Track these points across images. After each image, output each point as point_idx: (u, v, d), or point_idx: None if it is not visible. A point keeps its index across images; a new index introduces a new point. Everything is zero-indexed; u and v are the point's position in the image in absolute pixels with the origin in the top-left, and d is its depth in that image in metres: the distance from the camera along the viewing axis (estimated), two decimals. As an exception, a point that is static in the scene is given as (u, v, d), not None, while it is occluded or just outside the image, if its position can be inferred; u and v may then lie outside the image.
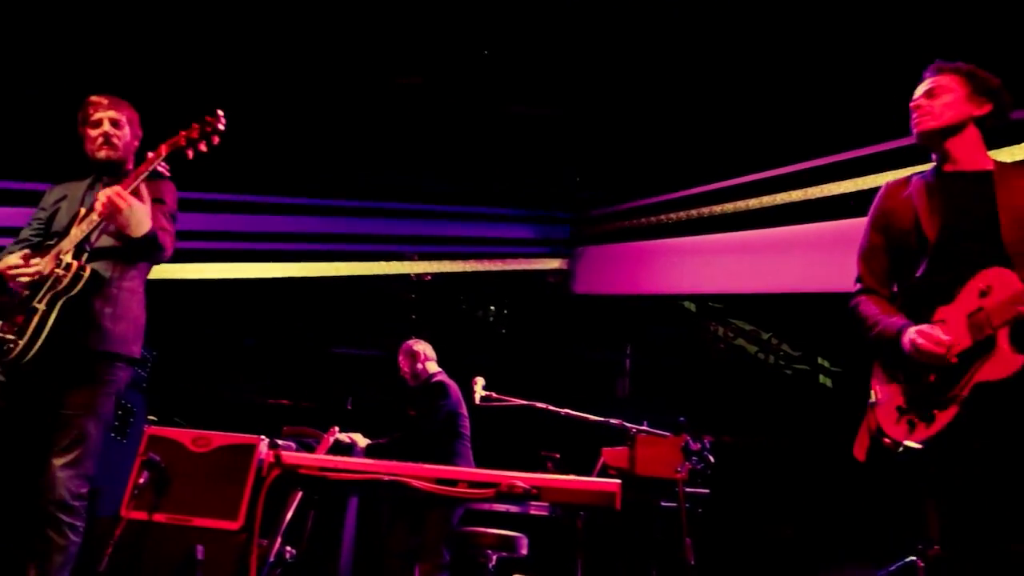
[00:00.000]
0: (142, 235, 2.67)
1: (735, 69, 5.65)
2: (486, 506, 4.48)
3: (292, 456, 3.47)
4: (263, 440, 4.68)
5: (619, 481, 2.86)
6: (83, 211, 2.80)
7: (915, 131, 2.41)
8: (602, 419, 3.71)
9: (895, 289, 2.46)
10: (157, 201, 2.85)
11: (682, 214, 6.77)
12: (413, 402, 5.17)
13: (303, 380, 6.95)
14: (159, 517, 4.48)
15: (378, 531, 4.57)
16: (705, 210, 6.63)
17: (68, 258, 2.72)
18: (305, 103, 6.44)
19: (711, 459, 3.78)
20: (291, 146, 6.66)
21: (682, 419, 3.95)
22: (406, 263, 7.14)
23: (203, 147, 2.80)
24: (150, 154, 2.80)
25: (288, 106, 6.33)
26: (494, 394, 3.93)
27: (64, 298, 2.67)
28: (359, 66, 6.36)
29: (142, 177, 2.73)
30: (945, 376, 2.17)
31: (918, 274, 2.30)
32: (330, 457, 3.45)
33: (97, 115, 2.95)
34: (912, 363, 2.21)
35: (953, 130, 2.36)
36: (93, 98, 2.99)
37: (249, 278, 6.83)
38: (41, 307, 2.65)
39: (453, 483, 3.27)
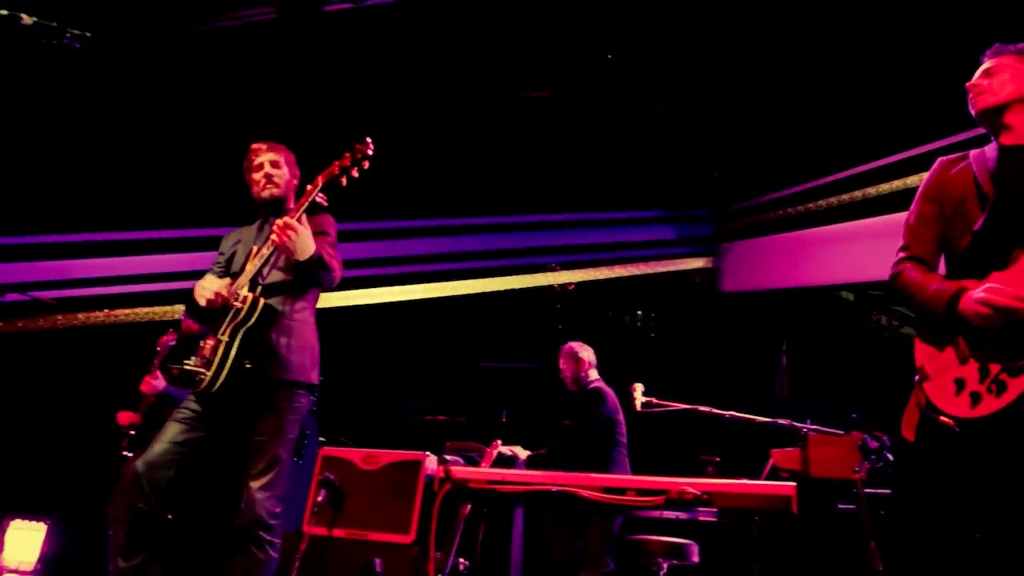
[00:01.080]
0: (308, 257, 2.82)
1: (883, 34, 5.31)
2: (652, 513, 4.41)
3: (461, 471, 3.56)
4: (428, 456, 4.84)
5: (794, 484, 2.73)
6: (255, 249, 2.98)
7: (974, 110, 2.38)
8: (769, 419, 3.56)
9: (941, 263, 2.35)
10: (320, 234, 3.01)
11: (833, 199, 6.43)
12: (569, 410, 5.18)
13: (457, 396, 7.12)
14: (338, 532, 4.72)
15: (542, 541, 4.60)
16: (858, 193, 6.26)
17: (244, 291, 2.90)
18: (436, 126, 6.64)
19: (890, 457, 3.55)
20: (427, 169, 6.87)
21: (855, 416, 3.74)
22: (549, 274, 7.18)
23: (355, 173, 2.94)
24: (308, 187, 2.96)
25: (420, 130, 6.53)
26: (655, 400, 3.87)
27: (243, 329, 2.85)
28: (486, 85, 6.49)
29: (303, 207, 2.89)
30: (1017, 339, 1.97)
31: (976, 227, 2.18)
32: (497, 470, 3.51)
33: (258, 159, 3.16)
34: (974, 328, 2.04)
35: (1011, 106, 2.31)
36: (253, 145, 3.20)
37: (396, 301, 7.08)
38: (224, 339, 2.85)
39: (621, 491, 3.25)
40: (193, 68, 6.11)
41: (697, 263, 7.40)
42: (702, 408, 3.74)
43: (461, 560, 3.63)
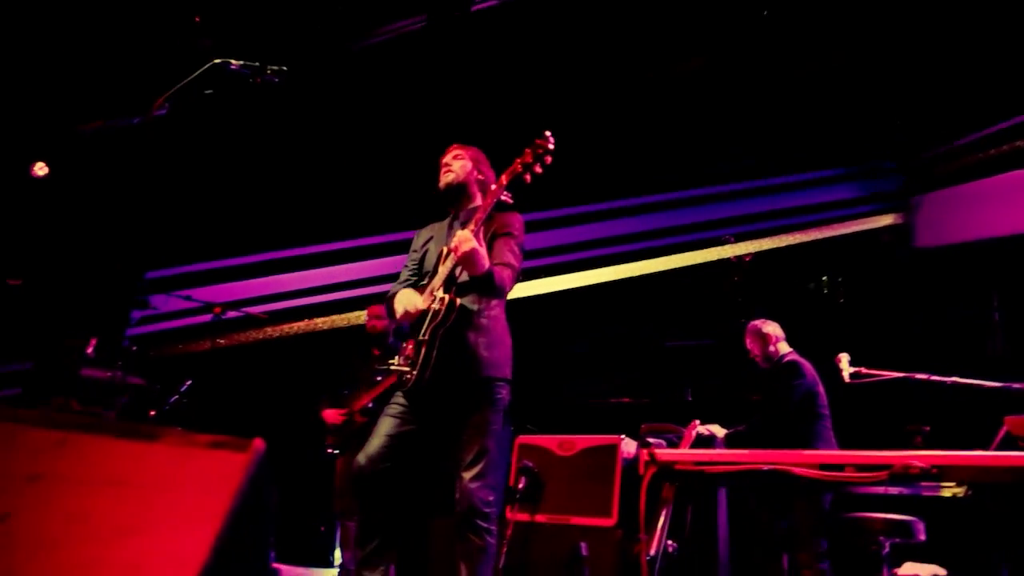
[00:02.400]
0: (478, 274, 2.90)
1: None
2: (867, 489, 4.17)
3: (666, 453, 3.55)
4: (624, 439, 4.85)
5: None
6: (445, 250, 3.08)
7: None
8: (1001, 384, 3.26)
9: None
10: (504, 235, 3.07)
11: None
12: (760, 386, 5.00)
13: (640, 378, 7.07)
14: (540, 518, 4.85)
15: (748, 521, 4.48)
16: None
17: (440, 293, 3.01)
18: (595, 109, 6.60)
19: None
20: (592, 153, 6.85)
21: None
22: (724, 247, 6.96)
23: (538, 169, 2.97)
24: (493, 186, 3.02)
25: (579, 114, 6.52)
26: (864, 369, 3.65)
27: (442, 329, 2.97)
28: (640, 61, 6.38)
29: (490, 209, 2.96)
30: None
31: None
32: (703, 451, 3.47)
33: (443, 160, 3.28)
34: None
35: None
36: (454, 144, 3.32)
37: (570, 288, 7.12)
38: (424, 339, 2.98)
39: (839, 467, 3.10)
40: (359, 84, 6.45)
41: (886, 220, 6.90)
42: (918, 375, 3.48)
43: (670, 542, 3.60)
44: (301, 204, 6.77)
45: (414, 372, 2.97)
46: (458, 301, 2.98)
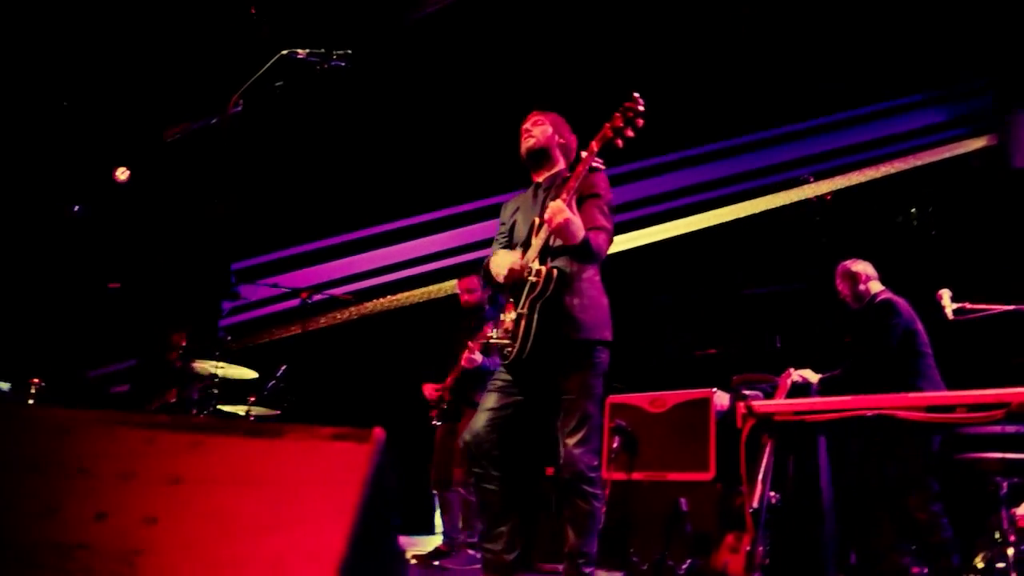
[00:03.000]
0: (574, 243, 2.88)
1: None
2: (978, 429, 4.01)
3: (763, 405, 3.48)
4: (716, 392, 4.79)
5: None
6: (537, 221, 3.04)
7: None
8: None
9: None
10: (591, 196, 3.02)
11: None
12: (853, 328, 4.85)
13: (725, 328, 6.95)
14: (637, 476, 4.86)
15: (852, 468, 4.37)
16: None
17: (536, 265, 2.99)
18: (661, 59, 6.42)
19: None
20: (659, 102, 6.68)
21: None
22: (803, 188, 6.72)
23: (630, 133, 2.91)
24: (583, 153, 2.97)
25: (648, 66, 6.35)
26: (968, 304, 3.48)
27: (540, 301, 2.96)
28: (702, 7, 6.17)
29: (582, 177, 2.90)
30: None
31: None
32: (802, 400, 3.39)
33: (524, 126, 3.24)
34: None
35: None
36: (534, 111, 3.27)
37: (649, 243, 7.01)
38: (524, 311, 2.98)
39: (949, 408, 2.99)
40: (419, 56, 6.43)
41: (976, 143, 6.52)
42: (1030, 307, 3.30)
43: (772, 494, 3.55)
44: (377, 181, 6.84)
45: (515, 345, 2.98)
46: (555, 272, 2.96)
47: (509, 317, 3.02)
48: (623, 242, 6.89)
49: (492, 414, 2.99)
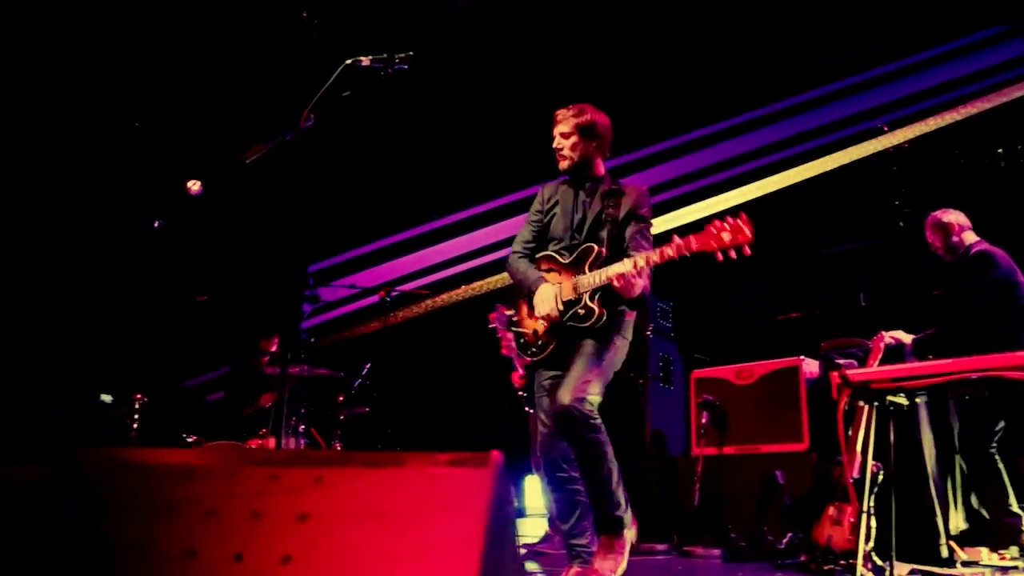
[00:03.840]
0: (630, 298, 2.98)
1: None
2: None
3: (859, 373, 3.37)
4: (804, 360, 4.67)
5: None
6: (595, 249, 3.04)
7: None
8: None
9: None
10: (642, 220, 3.11)
11: None
12: (947, 282, 4.64)
13: (805, 290, 6.77)
14: (728, 450, 4.80)
15: (957, 432, 4.20)
16: None
17: (587, 298, 3.00)
18: (718, 17, 6.24)
19: None
20: (719, 65, 6.51)
21: None
22: (879, 139, 6.44)
23: (732, 255, 2.88)
24: (668, 251, 2.85)
25: (706, 34, 6.19)
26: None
27: (578, 329, 3.02)
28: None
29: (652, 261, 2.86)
30: None
31: None
32: (899, 366, 3.26)
33: (554, 131, 3.22)
34: None
35: None
36: (555, 113, 3.22)
37: (724, 209, 6.86)
38: (555, 338, 3.08)
39: (1064, 366, 2.83)
40: (458, 48, 6.40)
41: (1064, 72, 6.14)
42: None
43: (874, 463, 3.44)
44: (437, 173, 6.87)
45: (540, 354, 3.10)
46: (604, 315, 2.97)
47: (538, 326, 3.09)
48: (697, 210, 6.76)
49: (545, 427, 3.05)
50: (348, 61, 2.75)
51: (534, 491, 6.80)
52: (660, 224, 6.54)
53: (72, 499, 1.24)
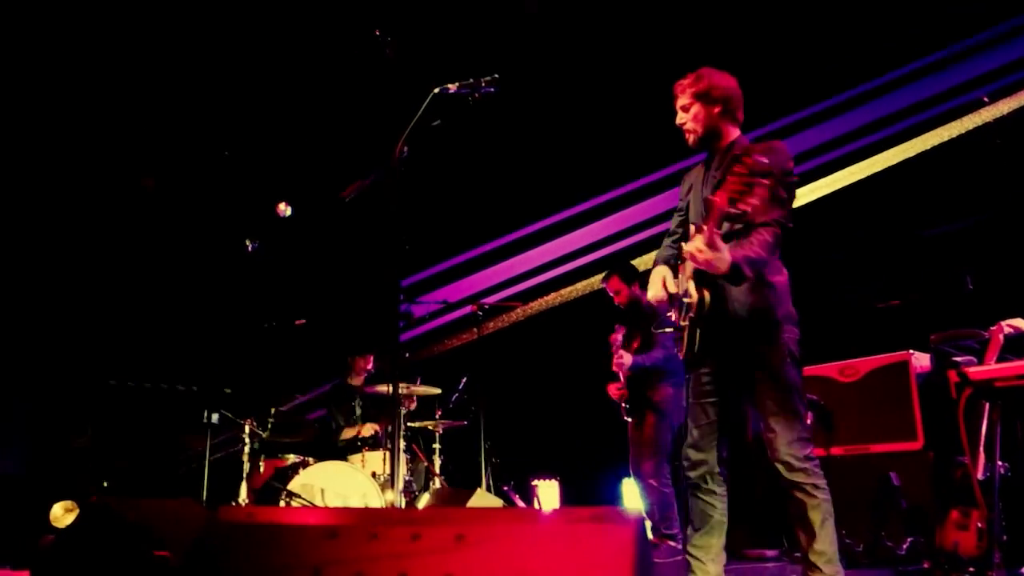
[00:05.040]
0: (722, 275, 2.68)
1: None
2: None
3: (980, 371, 3.21)
4: (913, 354, 4.47)
5: None
6: (692, 229, 2.82)
7: None
8: None
9: None
10: (762, 176, 2.65)
11: None
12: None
13: (908, 275, 6.47)
14: (836, 450, 4.63)
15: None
16: None
17: (689, 285, 2.82)
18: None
19: None
20: (810, 47, 6.29)
21: None
22: (979, 112, 6.10)
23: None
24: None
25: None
26: None
27: (699, 318, 2.81)
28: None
29: (721, 216, 2.63)
30: None
31: None
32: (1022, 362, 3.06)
33: (676, 105, 3.03)
34: None
35: None
36: (674, 87, 3.04)
37: (817, 197, 6.62)
38: (685, 324, 2.88)
39: None
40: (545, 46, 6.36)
41: None
42: None
43: (1001, 464, 3.27)
44: (521, 181, 6.86)
45: (683, 349, 2.90)
46: (708, 297, 2.78)
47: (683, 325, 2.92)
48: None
49: (699, 431, 2.91)
50: (436, 90, 2.78)
51: (631, 494, 6.75)
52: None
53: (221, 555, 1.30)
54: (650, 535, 5.08)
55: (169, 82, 6.17)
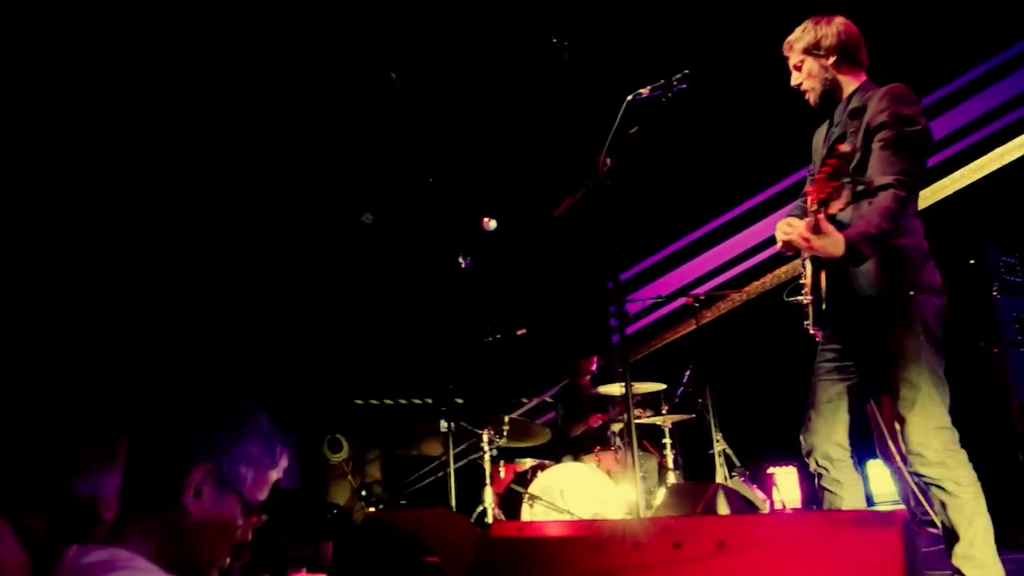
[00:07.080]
0: (838, 259, 2.43)
1: None
2: None
3: None
4: None
5: None
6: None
7: None
8: None
9: None
10: (881, 129, 2.49)
11: None
12: None
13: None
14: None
15: None
16: None
17: (806, 264, 2.69)
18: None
19: None
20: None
21: None
22: None
23: None
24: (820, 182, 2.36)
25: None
26: None
27: (817, 300, 2.63)
28: None
29: (825, 199, 2.38)
30: None
31: None
32: None
33: (791, 79, 2.85)
34: None
35: None
36: (783, 46, 2.85)
37: (967, 184, 5.85)
38: (808, 300, 2.70)
39: None
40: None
41: None
42: None
43: None
44: (720, 166, 6.67)
45: (809, 312, 2.70)
46: (824, 281, 2.58)
47: (808, 273, 2.70)
48: (930, 194, 5.76)
49: (816, 413, 2.71)
50: (628, 97, 2.82)
51: (879, 477, 6.31)
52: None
53: None
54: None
55: (384, 124, 6.64)
